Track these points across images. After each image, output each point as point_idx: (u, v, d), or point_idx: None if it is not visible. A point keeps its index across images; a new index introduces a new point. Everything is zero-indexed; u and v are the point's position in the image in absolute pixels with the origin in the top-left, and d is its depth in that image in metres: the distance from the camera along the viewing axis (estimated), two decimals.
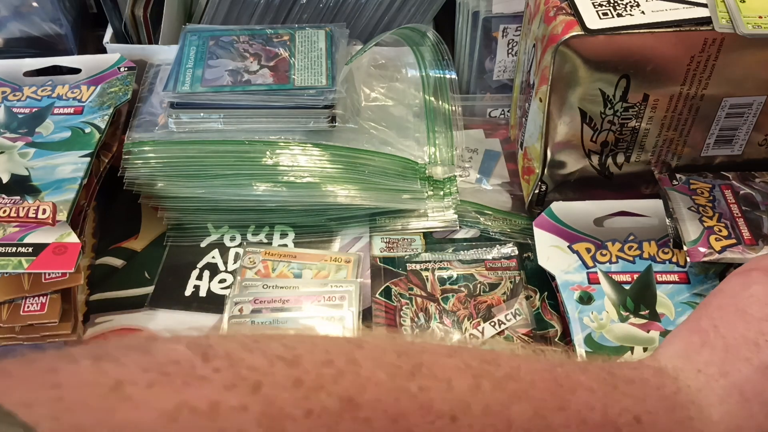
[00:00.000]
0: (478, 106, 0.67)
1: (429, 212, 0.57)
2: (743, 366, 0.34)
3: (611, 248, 0.51)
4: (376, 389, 0.28)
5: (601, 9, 0.45)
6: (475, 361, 0.31)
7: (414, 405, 0.28)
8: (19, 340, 0.46)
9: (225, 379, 0.26)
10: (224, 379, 0.26)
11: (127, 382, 0.25)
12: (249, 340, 0.29)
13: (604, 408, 0.31)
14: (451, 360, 0.31)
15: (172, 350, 0.27)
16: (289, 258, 0.54)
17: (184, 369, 0.26)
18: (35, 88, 0.59)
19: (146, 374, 0.25)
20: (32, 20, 0.68)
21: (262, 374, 0.27)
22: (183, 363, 0.26)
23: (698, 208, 0.50)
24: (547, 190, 0.55)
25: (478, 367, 0.31)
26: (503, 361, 0.32)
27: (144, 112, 0.58)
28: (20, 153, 0.53)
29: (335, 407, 0.27)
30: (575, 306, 0.48)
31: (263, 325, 0.49)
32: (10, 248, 0.46)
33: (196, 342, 0.28)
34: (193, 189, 0.55)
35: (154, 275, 0.54)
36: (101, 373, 0.25)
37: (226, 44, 0.59)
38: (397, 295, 0.52)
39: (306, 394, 0.27)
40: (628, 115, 0.49)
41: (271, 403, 0.26)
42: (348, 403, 0.27)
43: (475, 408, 0.29)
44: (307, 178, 0.55)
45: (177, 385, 0.25)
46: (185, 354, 0.26)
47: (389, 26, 0.66)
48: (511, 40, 0.63)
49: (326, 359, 0.28)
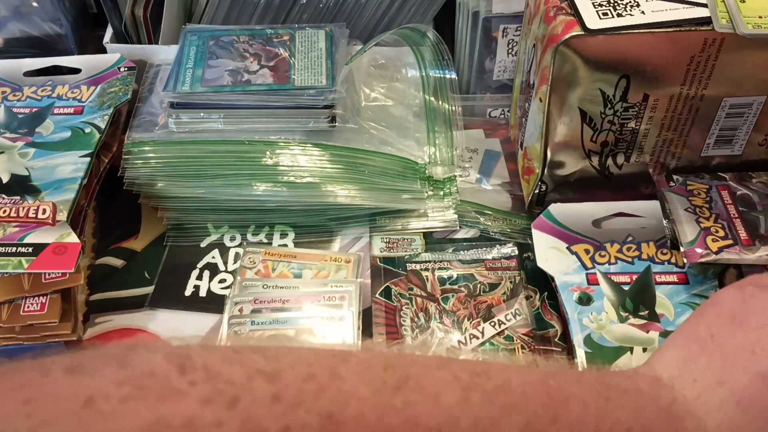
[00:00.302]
0: (478, 106, 0.67)
1: (429, 212, 0.57)
2: (740, 374, 0.34)
3: (610, 249, 0.51)
4: (359, 404, 0.27)
5: (601, 9, 0.45)
6: (465, 374, 0.31)
7: (399, 420, 0.28)
8: (19, 340, 0.46)
9: (201, 393, 0.25)
10: (200, 393, 0.25)
11: (100, 396, 0.24)
12: (230, 351, 0.28)
13: (596, 421, 0.31)
14: (440, 373, 0.30)
15: (149, 361, 0.26)
16: (289, 258, 0.54)
17: (160, 382, 0.25)
18: (35, 88, 0.59)
19: (120, 388, 0.24)
20: (32, 20, 0.68)
21: (240, 389, 0.26)
22: (159, 375, 0.25)
23: (695, 209, 0.50)
24: (547, 190, 0.55)
25: (467, 379, 0.30)
26: (494, 373, 0.31)
27: (144, 112, 0.58)
28: (20, 153, 0.53)
29: (314, 424, 0.26)
30: (574, 307, 0.48)
31: (263, 325, 0.49)
32: (10, 248, 0.46)
33: (175, 353, 0.27)
34: (193, 189, 0.55)
35: (154, 275, 0.54)
36: (74, 387, 0.24)
37: (226, 44, 0.59)
38: (397, 295, 0.52)
39: (284, 410, 0.26)
40: (628, 115, 0.49)
41: (248, 419, 0.25)
42: (328, 420, 0.26)
43: (464, 422, 0.29)
44: (307, 178, 0.55)
45: (152, 400, 0.25)
46: (161, 366, 0.26)
47: (389, 26, 0.66)
48: (511, 40, 0.63)
49: (308, 373, 0.28)
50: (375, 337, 0.49)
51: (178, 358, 0.26)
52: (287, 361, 0.28)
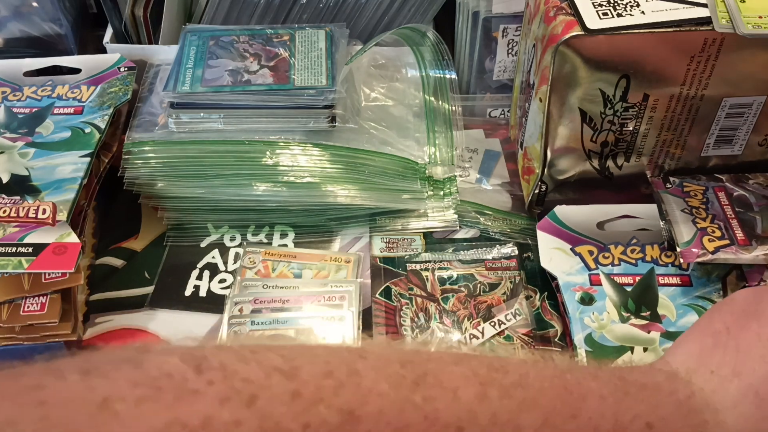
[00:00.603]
0: (478, 106, 0.67)
1: (429, 212, 0.57)
2: (757, 366, 0.34)
3: (614, 251, 0.51)
4: (379, 401, 0.27)
5: (601, 9, 0.45)
6: (482, 369, 0.31)
7: (419, 416, 0.28)
8: (19, 340, 0.46)
9: (219, 392, 0.25)
10: (218, 392, 0.25)
11: (115, 398, 0.24)
12: (246, 351, 0.28)
13: (616, 415, 0.31)
14: (458, 368, 0.30)
15: (165, 362, 0.26)
16: (289, 258, 0.54)
17: (176, 382, 0.25)
18: (35, 88, 0.59)
19: (136, 389, 0.24)
20: (32, 20, 0.67)
21: (258, 387, 0.26)
22: (175, 376, 0.25)
23: (691, 210, 0.50)
24: (547, 190, 0.55)
25: (485, 375, 0.30)
26: (512, 368, 0.31)
27: (144, 112, 0.58)
28: (20, 153, 0.53)
29: (335, 421, 0.26)
30: (576, 306, 0.48)
31: (263, 325, 0.49)
32: (10, 248, 0.46)
33: (190, 353, 0.27)
34: (193, 189, 0.55)
35: (154, 275, 0.54)
36: (89, 390, 0.24)
37: (226, 44, 0.59)
38: (397, 295, 0.52)
39: (304, 407, 0.26)
40: (628, 115, 0.49)
41: (267, 417, 0.25)
42: (348, 416, 0.26)
43: (482, 417, 0.29)
44: (307, 178, 0.55)
45: (168, 401, 0.24)
46: (178, 366, 0.25)
47: (389, 26, 0.66)
48: (511, 40, 0.63)
49: (326, 370, 0.27)
50: (375, 337, 0.49)
51: (194, 358, 0.26)
52: (304, 358, 0.28)
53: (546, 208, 0.54)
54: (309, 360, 0.28)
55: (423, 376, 0.29)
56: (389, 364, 0.29)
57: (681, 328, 0.46)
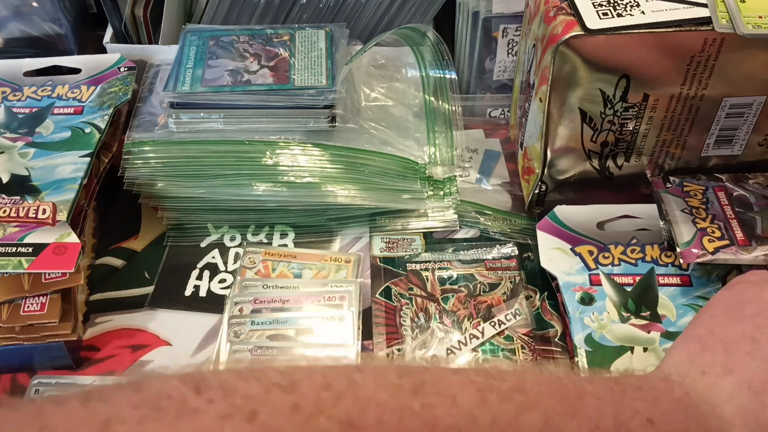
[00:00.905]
0: (478, 106, 0.67)
1: (429, 212, 0.57)
2: (746, 361, 0.35)
3: (614, 251, 0.51)
4: (378, 410, 0.27)
5: (601, 9, 0.45)
6: (479, 376, 0.31)
7: (418, 423, 0.28)
8: (19, 340, 0.46)
9: (219, 409, 0.25)
10: (219, 409, 0.25)
11: (116, 420, 0.24)
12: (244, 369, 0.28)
13: (615, 413, 0.31)
14: (455, 376, 0.31)
15: (164, 385, 0.26)
16: (289, 258, 0.54)
17: (177, 403, 0.25)
18: (35, 88, 0.59)
19: (137, 411, 0.24)
20: (32, 20, 0.68)
21: (258, 402, 0.26)
22: (175, 396, 0.25)
23: (691, 210, 0.50)
24: (547, 190, 0.55)
25: (482, 381, 0.30)
26: (508, 375, 0.32)
27: (144, 112, 0.58)
28: (20, 153, 0.53)
29: (335, 431, 0.26)
30: (576, 306, 0.48)
31: (263, 325, 0.49)
32: (10, 248, 0.46)
33: (189, 375, 0.27)
34: (193, 189, 0.55)
35: (154, 275, 0.54)
36: (90, 413, 0.24)
37: (226, 44, 0.59)
38: (397, 295, 0.52)
39: (304, 419, 0.26)
40: (628, 115, 0.49)
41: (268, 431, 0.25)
42: (348, 427, 0.26)
43: (483, 421, 0.29)
44: (307, 178, 0.55)
45: (169, 420, 0.24)
46: (178, 388, 0.26)
47: (389, 26, 0.66)
48: (511, 40, 0.63)
49: (324, 383, 0.28)
50: (375, 337, 0.49)
51: (193, 379, 0.26)
52: (303, 373, 0.28)
53: (546, 208, 0.54)
54: (307, 374, 0.28)
55: (421, 384, 0.29)
56: (386, 374, 0.30)
57: (681, 328, 0.46)
